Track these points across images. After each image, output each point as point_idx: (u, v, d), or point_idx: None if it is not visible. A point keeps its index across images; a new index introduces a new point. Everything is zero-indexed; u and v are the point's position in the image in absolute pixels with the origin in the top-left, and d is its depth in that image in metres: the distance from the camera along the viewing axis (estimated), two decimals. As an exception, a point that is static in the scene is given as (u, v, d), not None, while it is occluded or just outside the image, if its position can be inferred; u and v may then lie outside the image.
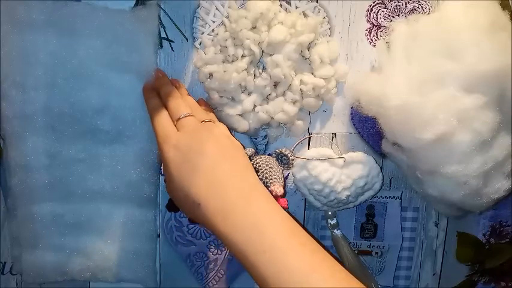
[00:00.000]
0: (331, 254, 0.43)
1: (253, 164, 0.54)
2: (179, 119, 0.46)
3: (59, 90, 0.51)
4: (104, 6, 0.50)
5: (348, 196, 0.56)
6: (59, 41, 0.49)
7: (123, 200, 0.55)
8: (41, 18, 0.49)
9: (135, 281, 0.58)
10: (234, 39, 0.51)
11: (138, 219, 0.56)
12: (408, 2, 0.54)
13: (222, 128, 0.48)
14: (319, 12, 0.54)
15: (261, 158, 0.54)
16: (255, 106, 0.53)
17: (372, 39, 0.55)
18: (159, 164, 0.54)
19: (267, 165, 0.53)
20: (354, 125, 0.57)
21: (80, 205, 0.55)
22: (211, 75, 0.52)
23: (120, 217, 0.56)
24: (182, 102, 0.48)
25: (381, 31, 0.55)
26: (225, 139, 0.46)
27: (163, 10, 0.52)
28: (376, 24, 0.55)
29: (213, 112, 0.52)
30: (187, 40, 0.54)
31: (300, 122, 0.55)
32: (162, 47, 0.53)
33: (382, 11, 0.54)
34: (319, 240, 0.61)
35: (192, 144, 0.44)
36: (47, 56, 0.50)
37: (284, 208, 0.55)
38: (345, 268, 0.60)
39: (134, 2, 0.51)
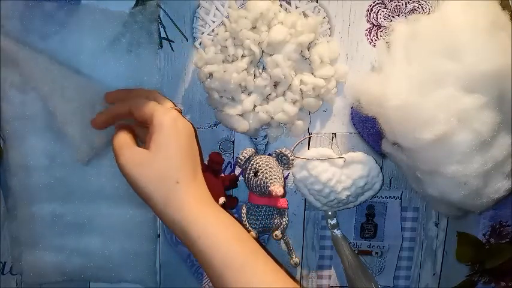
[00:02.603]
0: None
1: (253, 164, 0.54)
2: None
3: (58, 91, 0.51)
4: (103, 8, 0.50)
5: (348, 196, 0.56)
6: (58, 42, 0.49)
7: (123, 201, 0.55)
8: (41, 20, 0.49)
9: (135, 281, 0.58)
10: (234, 39, 0.51)
11: (138, 220, 0.56)
12: (408, 2, 0.54)
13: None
14: (319, 12, 0.54)
15: (261, 158, 0.54)
16: (255, 106, 0.53)
17: (372, 39, 0.55)
18: None
19: (267, 165, 0.53)
20: (354, 125, 0.57)
21: (80, 205, 0.55)
22: (211, 75, 0.52)
23: (120, 217, 0.56)
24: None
25: (381, 31, 0.55)
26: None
27: (163, 10, 0.52)
28: (376, 24, 0.55)
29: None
30: (187, 40, 0.54)
31: (300, 122, 0.55)
32: (162, 47, 0.53)
33: (382, 11, 0.54)
34: (319, 240, 0.61)
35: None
36: (46, 58, 0.50)
37: (284, 208, 0.56)
38: (345, 268, 0.60)
39: (134, 2, 0.51)
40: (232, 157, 0.58)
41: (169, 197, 0.44)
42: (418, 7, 0.54)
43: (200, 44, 0.53)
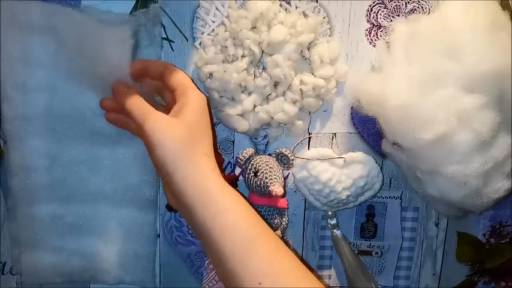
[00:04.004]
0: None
1: (253, 164, 0.54)
2: None
3: (59, 92, 0.51)
4: (104, 10, 0.49)
5: (348, 196, 0.56)
6: (58, 43, 0.49)
7: (123, 202, 0.55)
8: (42, 21, 0.48)
9: (134, 283, 0.58)
10: (234, 39, 0.51)
11: (138, 222, 0.56)
12: (408, 2, 0.54)
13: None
14: (319, 12, 0.54)
15: (261, 158, 0.54)
16: (255, 106, 0.53)
17: (372, 39, 0.55)
18: None
19: (267, 165, 0.53)
20: (354, 125, 0.57)
21: (80, 207, 0.55)
22: (211, 75, 0.52)
23: (120, 219, 0.56)
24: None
25: (381, 31, 0.55)
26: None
27: (163, 10, 0.52)
28: (376, 24, 0.55)
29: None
30: (187, 40, 0.54)
31: (300, 122, 0.55)
32: (162, 47, 0.53)
33: (382, 11, 0.54)
34: (319, 240, 0.61)
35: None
36: (47, 58, 0.50)
37: (284, 208, 0.56)
38: (345, 268, 0.60)
39: (134, 3, 0.51)
40: (232, 157, 0.58)
41: (198, 165, 0.43)
42: (418, 7, 0.54)
43: (200, 44, 0.53)
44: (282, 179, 0.54)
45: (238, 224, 0.42)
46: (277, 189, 0.51)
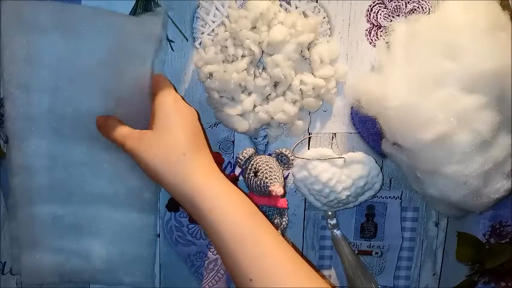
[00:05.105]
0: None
1: (253, 164, 0.54)
2: None
3: (62, 92, 0.51)
4: (108, 10, 0.49)
5: (348, 196, 0.56)
6: (63, 43, 0.49)
7: (124, 204, 0.55)
8: (47, 21, 0.48)
9: (133, 284, 0.58)
10: (234, 39, 0.51)
11: (138, 224, 0.56)
12: (408, 2, 0.54)
13: None
14: (319, 12, 0.54)
15: (261, 158, 0.54)
16: (255, 106, 0.53)
17: (372, 39, 0.55)
18: None
19: (267, 165, 0.53)
20: (354, 125, 0.57)
21: (80, 208, 0.54)
22: (211, 75, 0.52)
23: (120, 221, 0.55)
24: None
25: (381, 31, 0.55)
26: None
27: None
28: (376, 24, 0.55)
29: None
30: (187, 40, 0.54)
31: (300, 122, 0.55)
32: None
33: (382, 11, 0.54)
34: (319, 240, 0.61)
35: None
36: (51, 59, 0.49)
37: (284, 208, 0.56)
38: (345, 268, 0.60)
39: (134, 3, 0.51)
40: (232, 157, 0.58)
41: (176, 169, 0.44)
42: (418, 7, 0.54)
43: (200, 44, 0.53)
44: (282, 179, 0.54)
45: (223, 221, 0.42)
46: (277, 189, 0.51)
